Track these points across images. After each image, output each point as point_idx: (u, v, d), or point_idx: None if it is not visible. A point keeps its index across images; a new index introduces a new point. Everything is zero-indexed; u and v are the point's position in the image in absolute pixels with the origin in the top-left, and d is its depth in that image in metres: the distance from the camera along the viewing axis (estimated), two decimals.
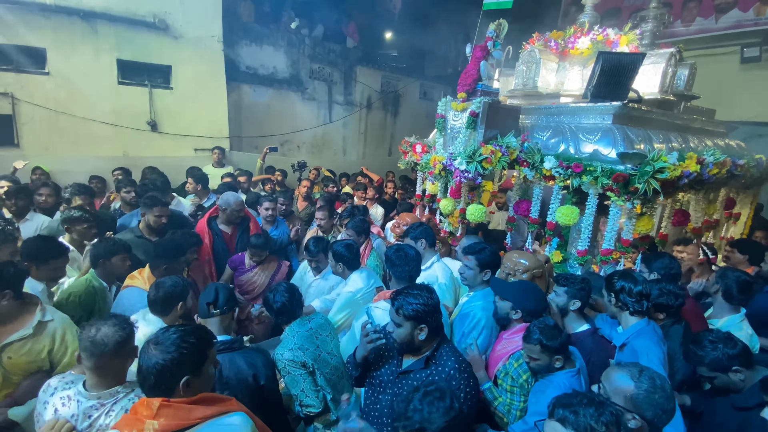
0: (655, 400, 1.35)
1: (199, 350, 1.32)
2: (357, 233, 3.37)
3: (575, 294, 2.20)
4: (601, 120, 3.16)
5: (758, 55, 6.98)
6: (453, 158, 3.29)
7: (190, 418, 1.22)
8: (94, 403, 1.46)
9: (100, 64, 5.91)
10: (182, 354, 1.26)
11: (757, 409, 1.67)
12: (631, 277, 2.09)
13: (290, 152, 8.84)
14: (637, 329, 2.02)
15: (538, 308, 2.05)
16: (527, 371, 1.94)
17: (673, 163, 2.61)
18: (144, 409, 1.21)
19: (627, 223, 2.93)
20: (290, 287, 2.23)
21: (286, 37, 8.34)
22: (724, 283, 2.47)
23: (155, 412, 1.19)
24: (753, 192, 4.63)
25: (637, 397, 1.36)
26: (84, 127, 5.90)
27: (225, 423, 1.28)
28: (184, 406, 1.23)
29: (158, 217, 3.20)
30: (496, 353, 2.09)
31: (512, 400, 1.96)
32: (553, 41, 3.77)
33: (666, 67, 3.48)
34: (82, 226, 2.91)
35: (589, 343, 2.14)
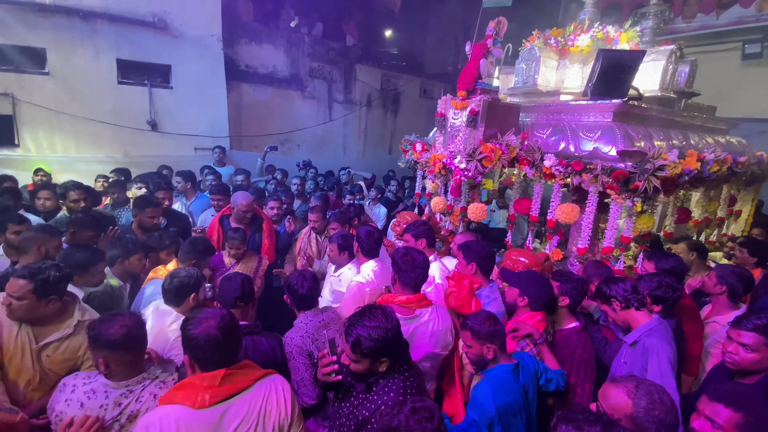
0: (656, 417, 1.27)
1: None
2: (341, 224, 3.48)
3: (566, 291, 2.21)
4: (602, 118, 3.15)
5: (760, 51, 6.95)
6: (453, 156, 3.29)
7: (248, 380, 1.48)
8: (123, 391, 1.54)
9: (100, 64, 5.92)
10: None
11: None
12: (615, 280, 2.14)
13: (290, 151, 8.84)
14: (650, 327, 2.02)
15: (544, 295, 2.09)
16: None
17: (674, 160, 2.61)
18: (203, 380, 1.41)
19: (627, 221, 2.93)
20: (315, 276, 2.31)
21: (286, 36, 8.33)
22: (728, 282, 2.45)
23: (221, 380, 1.42)
24: (754, 189, 4.61)
25: (637, 415, 1.29)
26: (84, 127, 5.91)
27: (271, 380, 1.55)
28: (242, 371, 1.49)
29: (150, 218, 3.19)
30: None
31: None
32: (553, 39, 3.76)
33: (666, 65, 3.47)
34: (87, 233, 2.88)
35: (574, 340, 2.17)
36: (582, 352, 2.13)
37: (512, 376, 1.78)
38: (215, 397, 1.39)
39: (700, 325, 2.48)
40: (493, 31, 3.16)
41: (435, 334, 2.11)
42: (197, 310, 1.64)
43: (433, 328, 2.11)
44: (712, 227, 4.26)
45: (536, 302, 2.09)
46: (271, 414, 1.48)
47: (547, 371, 1.97)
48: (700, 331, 2.45)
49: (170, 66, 6.51)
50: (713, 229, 4.33)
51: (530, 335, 2.08)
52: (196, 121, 6.86)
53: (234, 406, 1.42)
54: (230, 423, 1.40)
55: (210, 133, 7.04)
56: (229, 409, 1.41)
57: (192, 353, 1.46)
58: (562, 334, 2.24)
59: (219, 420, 1.38)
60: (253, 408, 1.45)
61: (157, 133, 6.56)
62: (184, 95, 6.68)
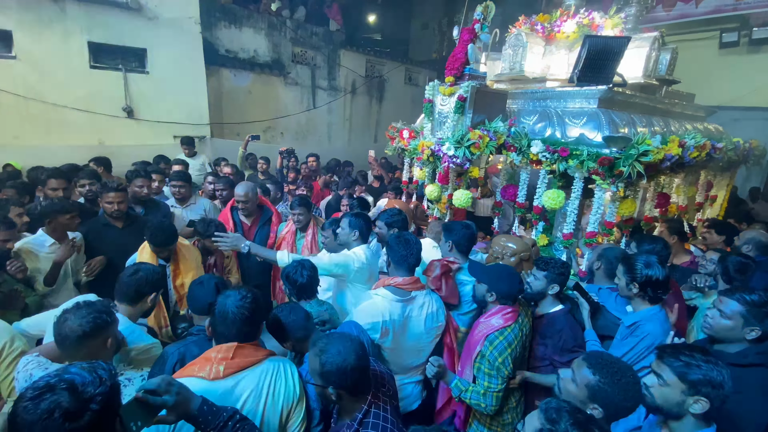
0: (608, 394, 1.36)
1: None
2: (308, 210, 3.42)
3: (554, 279, 2.23)
4: (587, 104, 3.18)
5: (736, 40, 7.13)
6: (441, 143, 3.27)
7: (258, 356, 1.56)
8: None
9: (70, 47, 5.63)
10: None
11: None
12: (657, 267, 2.08)
13: (273, 139, 8.67)
14: (651, 314, 2.07)
15: (513, 291, 2.05)
16: (502, 353, 1.95)
17: (657, 146, 2.66)
18: (218, 352, 1.49)
19: (611, 206, 2.98)
20: (314, 265, 2.28)
21: (267, 20, 8.09)
22: (722, 266, 2.53)
23: (233, 352, 1.49)
24: (729, 174, 4.77)
25: (592, 388, 1.38)
26: (56, 114, 5.64)
27: (280, 360, 1.63)
28: (252, 347, 1.57)
29: (110, 203, 2.99)
30: (474, 338, 2.10)
31: (489, 383, 1.97)
32: (539, 24, 3.75)
33: (650, 51, 3.51)
34: (64, 217, 2.75)
35: (561, 321, 2.21)
36: (569, 331, 2.19)
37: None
38: (229, 368, 1.46)
39: (683, 304, 2.57)
40: (480, 15, 3.13)
41: (430, 316, 2.20)
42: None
43: (428, 309, 2.19)
44: (690, 212, 4.40)
45: (505, 299, 2.05)
46: (280, 391, 1.56)
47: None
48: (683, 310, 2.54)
49: (146, 50, 6.24)
50: (692, 214, 4.47)
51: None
52: (174, 107, 6.63)
53: (245, 379, 1.50)
54: (241, 393, 1.48)
55: (189, 120, 6.82)
56: (240, 381, 1.48)
57: (210, 319, 1.58)
58: (549, 316, 2.28)
59: (231, 390, 1.46)
60: (263, 382, 1.53)
61: (134, 120, 6.32)
62: (161, 80, 6.43)
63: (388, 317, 2.07)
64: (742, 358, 1.75)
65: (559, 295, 2.32)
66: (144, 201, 3.58)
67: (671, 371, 1.39)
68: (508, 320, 2.02)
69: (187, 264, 2.78)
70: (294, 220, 3.44)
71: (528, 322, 2.20)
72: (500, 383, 1.96)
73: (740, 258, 2.50)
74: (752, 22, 6.94)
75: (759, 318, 1.75)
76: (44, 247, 2.71)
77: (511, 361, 1.96)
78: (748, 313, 1.76)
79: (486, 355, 1.97)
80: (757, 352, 1.74)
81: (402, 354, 2.19)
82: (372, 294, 2.21)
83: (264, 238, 3.56)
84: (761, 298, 1.76)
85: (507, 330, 2.00)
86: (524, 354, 2.19)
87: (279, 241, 3.47)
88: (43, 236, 2.73)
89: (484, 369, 1.98)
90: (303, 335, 1.86)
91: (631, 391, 1.36)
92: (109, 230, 3.04)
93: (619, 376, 1.37)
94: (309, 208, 3.46)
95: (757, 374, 1.70)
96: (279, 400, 1.55)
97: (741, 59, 7.20)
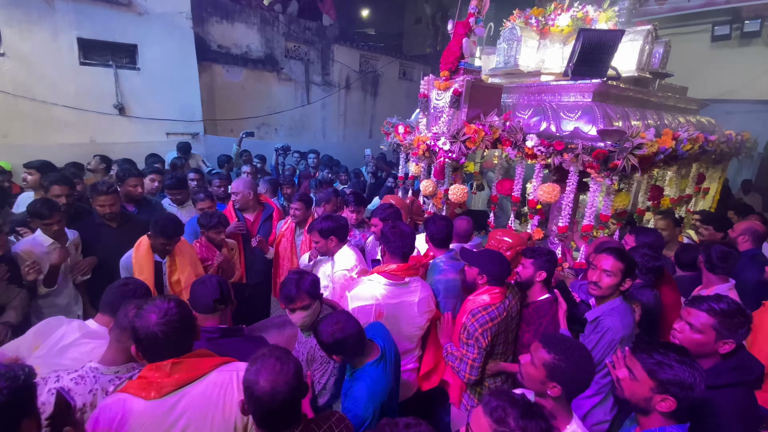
0: (564, 370, 1.41)
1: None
2: (307, 206, 3.39)
3: (542, 266, 2.28)
4: (581, 98, 3.19)
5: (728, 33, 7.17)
6: (437, 138, 3.27)
7: (202, 368, 1.44)
8: (111, 377, 1.49)
9: (59, 44, 5.53)
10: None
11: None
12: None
13: (267, 135, 8.61)
14: (611, 308, 2.08)
15: (503, 272, 2.17)
16: (483, 325, 2.07)
17: (651, 139, 2.68)
18: (155, 371, 1.38)
19: (605, 199, 3.01)
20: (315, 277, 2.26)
21: (259, 14, 8.01)
22: (705, 255, 2.56)
23: (169, 370, 1.37)
24: (721, 167, 4.82)
25: (549, 365, 1.43)
26: (45, 111, 5.55)
27: (233, 366, 1.50)
28: (192, 360, 1.43)
29: (101, 206, 2.98)
30: (462, 312, 2.23)
31: (466, 351, 2.12)
32: (533, 18, 3.75)
33: (643, 45, 3.52)
34: (43, 222, 2.68)
35: (546, 309, 2.28)
36: (551, 319, 2.24)
37: (377, 370, 1.90)
38: (165, 387, 1.35)
39: (677, 295, 2.60)
40: (475, 9, 3.12)
41: (421, 300, 2.31)
42: (150, 299, 1.50)
43: (420, 295, 2.32)
44: (681, 204, 4.44)
45: (495, 280, 2.17)
46: (231, 403, 1.41)
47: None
48: (678, 302, 2.57)
49: (136, 45, 6.15)
50: (683, 205, 4.52)
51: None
52: (166, 104, 6.55)
53: (187, 396, 1.38)
54: (181, 414, 1.36)
55: (182, 117, 6.75)
56: (181, 399, 1.37)
57: (137, 344, 1.42)
58: (535, 305, 2.32)
59: (169, 411, 1.35)
60: (209, 397, 1.40)
61: (125, 117, 6.24)
62: (152, 77, 6.34)
63: (381, 300, 2.19)
64: (714, 377, 1.60)
65: (548, 284, 2.36)
66: (137, 200, 3.55)
67: (642, 367, 1.39)
68: (494, 299, 2.14)
69: (183, 260, 2.76)
70: (291, 215, 3.44)
71: (516, 307, 2.28)
72: (475, 353, 2.09)
73: (723, 247, 2.54)
74: (744, 15, 6.98)
75: (732, 329, 1.61)
76: (43, 248, 2.69)
77: (489, 335, 2.08)
78: (719, 324, 1.61)
79: (467, 325, 2.11)
80: (730, 368, 1.61)
81: (397, 337, 2.24)
82: (366, 279, 2.31)
83: (266, 233, 3.59)
84: (730, 307, 1.62)
85: (491, 307, 2.13)
86: (509, 337, 2.26)
87: (278, 237, 3.47)
88: (41, 236, 2.71)
89: (463, 338, 2.13)
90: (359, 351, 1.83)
91: (584, 364, 1.42)
92: (103, 230, 3.01)
93: (571, 351, 1.43)
94: (308, 204, 3.44)
95: (731, 395, 1.58)
96: (232, 413, 1.41)
97: (733, 52, 7.25)
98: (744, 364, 1.64)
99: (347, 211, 3.45)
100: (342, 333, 1.70)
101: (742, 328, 1.62)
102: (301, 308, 1.92)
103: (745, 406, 1.60)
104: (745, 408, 1.59)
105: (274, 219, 3.68)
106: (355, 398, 1.74)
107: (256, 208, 3.65)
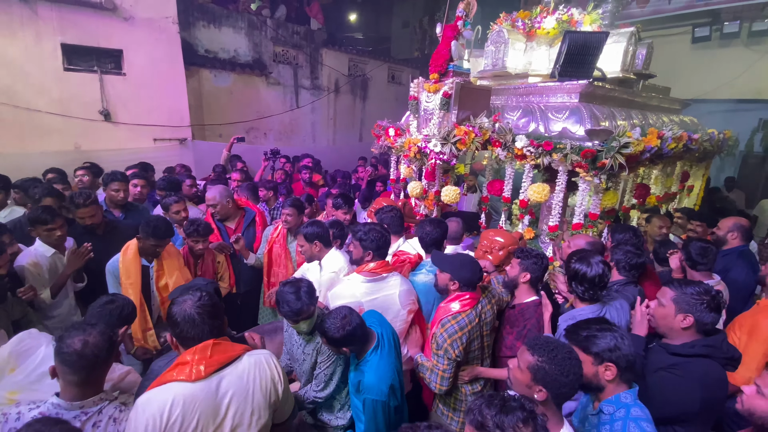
0: (548, 372, 1.38)
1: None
2: (299, 211, 3.36)
3: (527, 267, 2.29)
4: (569, 99, 3.24)
5: (708, 34, 7.35)
6: (428, 140, 3.29)
7: (236, 350, 1.53)
8: (77, 413, 1.40)
9: (43, 49, 5.43)
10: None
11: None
12: (585, 263, 2.08)
13: (257, 140, 8.56)
14: (588, 313, 2.07)
15: (474, 278, 2.15)
16: (452, 335, 2.06)
17: (637, 138, 2.73)
18: (195, 353, 1.43)
19: (594, 197, 3.05)
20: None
21: (247, 19, 7.97)
22: (685, 251, 2.62)
23: (210, 350, 1.44)
24: (705, 165, 4.93)
25: (533, 368, 1.41)
26: (29, 118, 5.44)
27: (259, 352, 1.61)
28: (226, 342, 1.53)
29: (81, 218, 2.96)
30: (434, 320, 2.23)
31: (436, 361, 2.10)
32: (520, 21, 3.80)
33: (627, 46, 3.60)
34: (45, 227, 2.66)
35: (531, 312, 2.27)
36: (536, 322, 2.24)
37: (377, 356, 1.99)
38: (210, 366, 1.42)
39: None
40: (462, 12, 3.16)
41: (402, 293, 2.36)
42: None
43: (400, 288, 2.37)
44: (667, 201, 4.54)
45: (468, 285, 2.14)
46: (266, 383, 1.55)
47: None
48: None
49: (122, 51, 6.06)
50: (669, 203, 4.61)
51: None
52: (153, 109, 6.46)
53: (228, 375, 1.46)
54: (226, 391, 1.44)
55: (169, 122, 6.67)
56: (222, 380, 1.45)
57: (173, 330, 1.50)
58: (521, 307, 2.33)
59: (216, 388, 1.42)
60: (246, 379, 1.50)
61: (112, 123, 6.14)
62: (139, 82, 6.26)
63: (360, 297, 2.25)
64: (689, 348, 1.75)
65: (535, 286, 2.37)
66: (122, 205, 3.50)
67: (578, 348, 1.52)
68: (464, 306, 2.12)
69: (171, 264, 2.73)
70: (283, 221, 3.40)
71: (491, 309, 2.27)
72: (445, 363, 2.07)
73: (701, 243, 2.61)
74: (723, 17, 7.18)
75: (690, 304, 1.73)
76: (45, 258, 2.65)
77: (460, 345, 2.06)
78: (678, 298, 1.75)
79: (437, 335, 2.11)
80: (705, 344, 1.73)
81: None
82: (345, 279, 2.38)
83: (250, 239, 3.52)
84: (695, 285, 1.75)
85: (461, 315, 2.11)
86: (483, 342, 2.24)
87: (269, 243, 3.42)
88: (42, 247, 2.67)
89: (434, 348, 2.12)
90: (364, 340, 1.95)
91: (567, 365, 1.40)
92: (88, 239, 2.93)
93: (555, 353, 1.41)
94: (300, 209, 3.40)
95: (700, 364, 1.71)
96: (267, 391, 1.55)
97: (713, 53, 7.44)
98: (717, 344, 1.74)
99: (340, 213, 3.44)
100: (350, 325, 1.82)
101: (703, 305, 1.71)
102: (305, 318, 1.95)
103: (711, 376, 1.69)
104: (710, 378, 1.68)
105: (257, 224, 3.62)
106: (368, 387, 1.86)
107: (237, 215, 3.58)
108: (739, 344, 2.27)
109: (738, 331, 2.34)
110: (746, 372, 2.20)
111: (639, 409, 1.46)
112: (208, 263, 3.14)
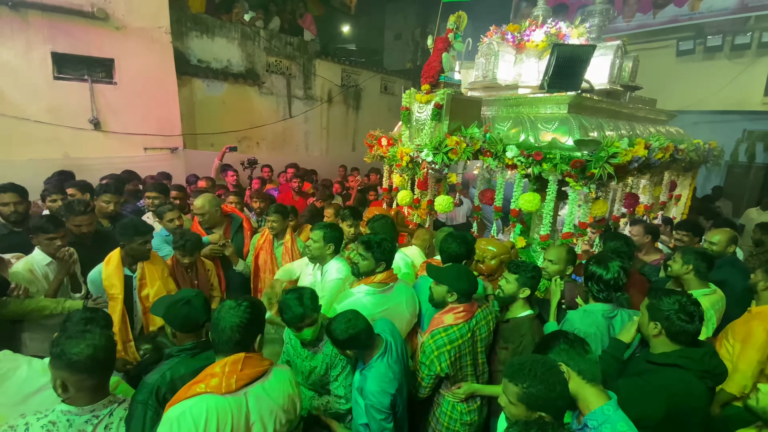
0: (536, 394, 1.34)
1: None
2: (283, 217, 3.38)
3: (525, 282, 2.24)
4: (558, 110, 3.29)
5: (692, 48, 7.55)
6: (420, 150, 3.31)
7: (264, 365, 1.56)
8: (88, 417, 1.41)
9: (32, 58, 5.40)
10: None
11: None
12: (603, 265, 2.15)
13: (249, 149, 8.53)
14: (600, 309, 2.14)
15: (471, 289, 2.15)
16: (440, 348, 2.05)
17: (624, 148, 2.78)
18: (227, 366, 1.45)
19: (583, 207, 3.09)
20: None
21: (240, 29, 8.01)
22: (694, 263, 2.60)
23: (242, 364, 1.46)
24: (691, 174, 5.02)
25: (522, 397, 1.36)
26: (18, 127, 5.38)
27: (282, 368, 1.66)
28: (257, 356, 1.56)
29: (77, 226, 2.96)
30: (428, 331, 2.23)
31: (421, 371, 2.11)
32: (509, 34, 3.88)
33: (614, 59, 3.68)
34: (47, 236, 2.63)
35: (526, 326, 2.23)
36: (531, 338, 2.19)
37: (382, 363, 1.99)
38: (240, 380, 1.44)
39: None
40: (454, 25, 3.21)
41: (407, 301, 2.40)
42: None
43: (406, 294, 2.42)
44: (655, 210, 4.60)
45: (465, 297, 2.13)
46: (289, 398, 1.60)
47: None
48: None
49: (113, 60, 6.05)
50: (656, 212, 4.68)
51: None
52: (145, 118, 6.43)
53: (256, 390, 1.49)
54: (254, 406, 1.46)
55: (161, 131, 6.63)
56: (252, 393, 1.47)
57: (213, 335, 1.53)
58: (515, 321, 2.30)
59: (245, 403, 1.44)
60: (274, 392, 1.54)
61: (101, 132, 6.09)
62: (130, 91, 6.23)
63: (372, 309, 2.20)
64: (664, 357, 1.75)
65: (530, 300, 2.33)
66: (111, 216, 3.48)
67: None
68: (458, 319, 2.11)
69: (153, 274, 2.71)
70: (269, 227, 3.39)
71: (486, 326, 2.23)
72: (428, 373, 2.08)
73: (706, 254, 2.63)
74: (706, 31, 7.40)
75: (659, 313, 1.74)
76: (41, 266, 2.63)
77: (447, 359, 2.04)
78: (651, 306, 1.78)
79: (425, 345, 2.10)
80: (681, 355, 1.73)
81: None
82: (352, 291, 2.34)
83: (239, 245, 3.51)
84: (670, 297, 1.75)
85: (452, 329, 2.09)
86: (477, 359, 2.21)
87: (256, 250, 3.41)
88: (40, 254, 2.65)
89: (420, 357, 2.13)
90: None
91: (548, 376, 1.36)
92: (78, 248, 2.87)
93: (534, 372, 1.36)
94: (284, 215, 3.41)
95: (670, 374, 1.70)
96: (289, 408, 1.60)
97: (697, 66, 7.64)
98: (695, 356, 1.72)
99: (345, 225, 3.43)
100: (354, 329, 1.83)
101: (672, 314, 1.72)
102: (309, 325, 1.94)
103: (679, 387, 1.67)
104: (679, 388, 1.67)
105: (245, 229, 3.60)
106: (370, 392, 1.86)
107: (223, 222, 3.57)
108: (733, 352, 2.28)
109: (731, 339, 2.34)
110: (742, 380, 2.21)
111: (624, 423, 1.43)
112: (202, 273, 3.11)
